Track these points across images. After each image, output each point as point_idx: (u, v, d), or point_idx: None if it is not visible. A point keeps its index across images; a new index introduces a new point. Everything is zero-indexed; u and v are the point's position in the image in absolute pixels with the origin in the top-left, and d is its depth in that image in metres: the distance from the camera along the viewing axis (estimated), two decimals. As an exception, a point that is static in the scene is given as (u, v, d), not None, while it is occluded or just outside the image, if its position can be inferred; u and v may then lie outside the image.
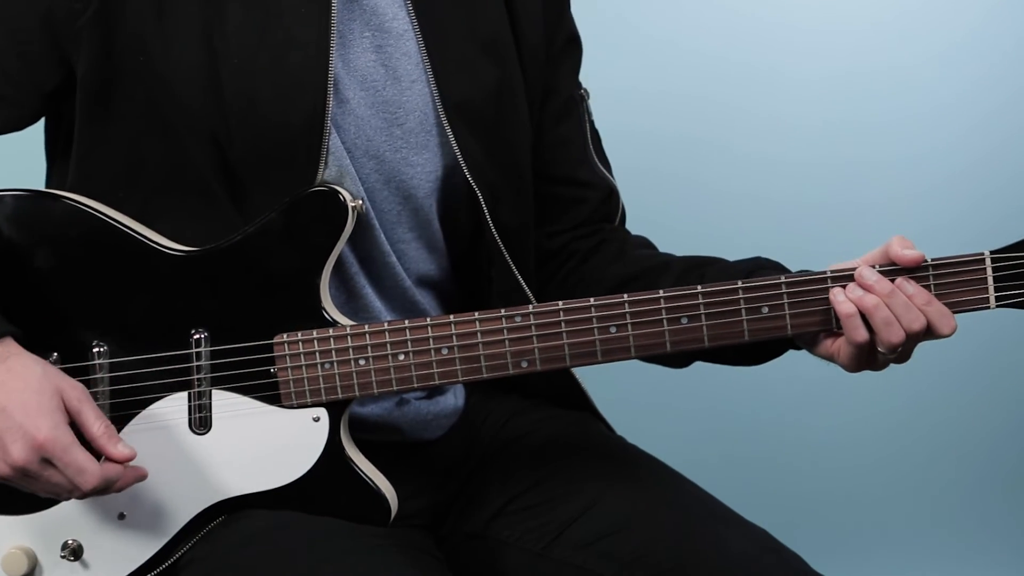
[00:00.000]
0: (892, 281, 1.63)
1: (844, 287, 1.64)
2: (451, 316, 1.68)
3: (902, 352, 1.65)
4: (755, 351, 1.78)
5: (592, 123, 1.95)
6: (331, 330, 1.68)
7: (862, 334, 1.63)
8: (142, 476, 1.67)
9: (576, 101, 1.93)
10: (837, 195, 3.28)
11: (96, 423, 1.62)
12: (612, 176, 1.95)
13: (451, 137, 1.77)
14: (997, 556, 3.35)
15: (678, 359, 1.85)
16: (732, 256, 1.82)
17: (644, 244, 1.94)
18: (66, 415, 1.61)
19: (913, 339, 1.63)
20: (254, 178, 1.70)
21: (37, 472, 1.59)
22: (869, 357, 1.66)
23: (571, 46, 1.94)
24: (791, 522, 2.38)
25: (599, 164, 1.94)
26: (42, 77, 1.74)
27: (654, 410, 2.91)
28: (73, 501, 1.69)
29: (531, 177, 1.87)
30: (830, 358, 1.70)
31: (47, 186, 1.85)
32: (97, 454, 1.62)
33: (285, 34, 1.70)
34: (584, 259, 1.91)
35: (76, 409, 1.61)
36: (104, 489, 1.62)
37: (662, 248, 1.95)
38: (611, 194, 1.94)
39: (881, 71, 3.27)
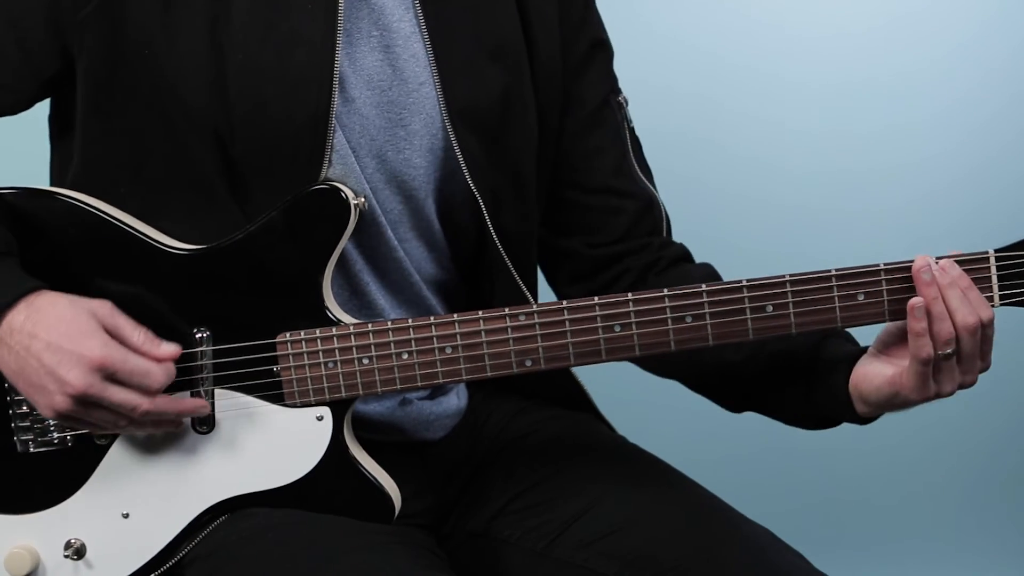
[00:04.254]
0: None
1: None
2: (455, 315, 1.67)
3: (963, 361, 1.63)
4: (812, 419, 1.77)
5: (632, 130, 1.91)
6: (334, 329, 1.68)
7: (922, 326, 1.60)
8: (202, 407, 1.67)
9: (612, 108, 1.89)
10: (840, 199, 3.29)
11: (134, 332, 1.63)
12: (654, 185, 1.91)
13: (454, 142, 1.76)
14: (997, 555, 3.36)
15: (732, 402, 1.84)
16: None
17: (712, 276, 1.85)
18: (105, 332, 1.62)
19: (966, 334, 1.61)
20: (257, 175, 1.70)
21: (99, 394, 1.59)
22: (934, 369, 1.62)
23: (596, 52, 1.89)
24: (793, 521, 2.38)
25: (640, 173, 1.90)
26: (40, 65, 1.73)
27: (655, 410, 2.91)
28: (75, 499, 1.70)
29: (535, 183, 1.85)
30: (894, 396, 1.65)
31: (50, 166, 1.84)
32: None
33: (291, 30, 1.69)
34: (641, 278, 1.87)
35: (112, 325, 1.62)
36: (158, 390, 1.62)
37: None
38: (651, 204, 1.90)
39: (885, 75, 3.27)
